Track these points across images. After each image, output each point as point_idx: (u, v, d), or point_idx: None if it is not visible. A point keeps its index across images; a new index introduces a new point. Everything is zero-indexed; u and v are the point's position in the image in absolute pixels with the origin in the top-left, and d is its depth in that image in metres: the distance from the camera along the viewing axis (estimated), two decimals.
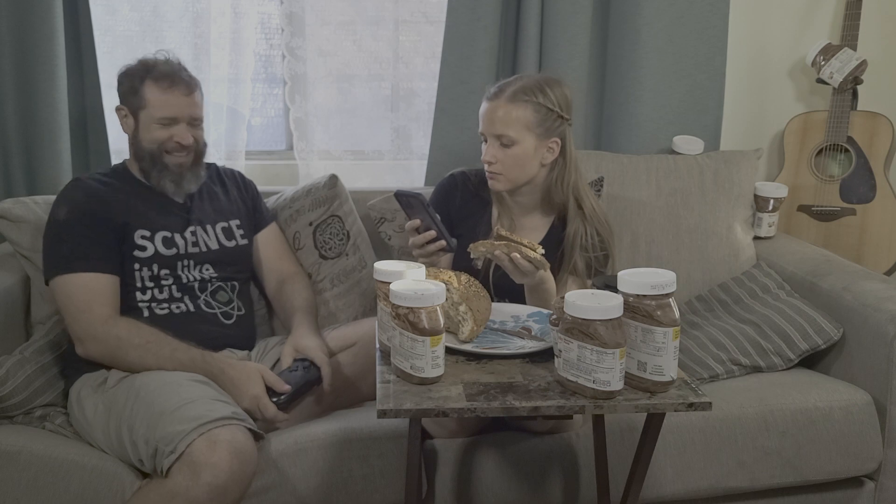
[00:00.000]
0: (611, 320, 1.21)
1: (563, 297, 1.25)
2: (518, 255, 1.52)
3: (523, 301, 1.70)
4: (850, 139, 2.54)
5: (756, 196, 2.41)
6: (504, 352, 1.42)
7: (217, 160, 2.25)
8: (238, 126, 2.37)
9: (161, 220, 1.85)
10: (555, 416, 1.60)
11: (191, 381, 1.63)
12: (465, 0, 2.29)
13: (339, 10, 2.42)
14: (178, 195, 1.89)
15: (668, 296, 1.24)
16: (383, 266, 1.40)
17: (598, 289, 1.35)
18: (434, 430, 1.71)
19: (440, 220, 1.64)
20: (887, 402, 1.85)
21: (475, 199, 1.91)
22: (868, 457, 1.86)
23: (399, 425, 1.65)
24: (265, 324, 2.09)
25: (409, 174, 2.51)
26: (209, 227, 1.92)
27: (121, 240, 1.79)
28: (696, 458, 1.78)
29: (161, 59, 1.86)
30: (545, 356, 1.40)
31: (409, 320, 1.25)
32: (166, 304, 1.82)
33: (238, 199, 2.02)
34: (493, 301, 1.58)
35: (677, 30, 2.44)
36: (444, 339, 1.29)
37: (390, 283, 1.31)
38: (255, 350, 1.93)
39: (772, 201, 2.41)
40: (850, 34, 2.54)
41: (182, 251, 1.85)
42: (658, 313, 1.23)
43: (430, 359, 1.26)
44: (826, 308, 2.04)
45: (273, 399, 1.67)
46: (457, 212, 1.90)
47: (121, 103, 1.87)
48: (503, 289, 1.74)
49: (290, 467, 1.61)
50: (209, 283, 1.88)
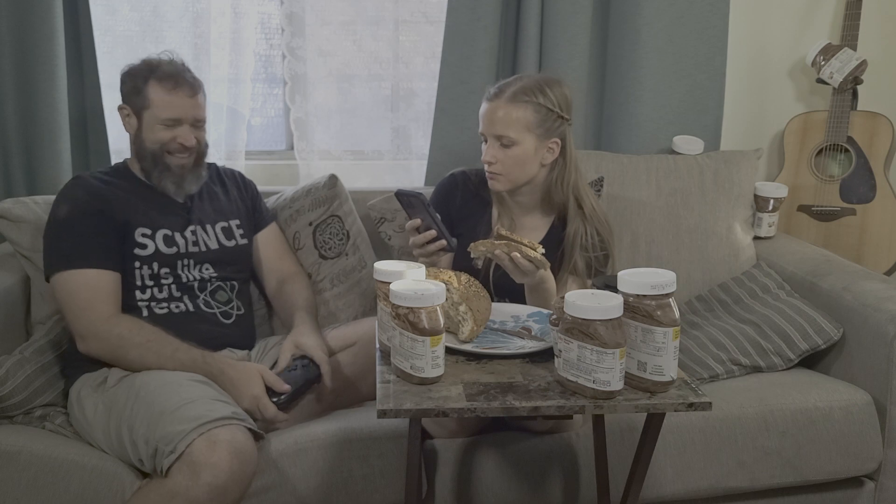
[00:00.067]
0: (611, 320, 1.21)
1: (563, 297, 1.25)
2: (518, 255, 1.52)
3: (523, 301, 1.70)
4: (850, 139, 2.54)
5: (756, 196, 2.41)
6: (504, 352, 1.41)
7: (217, 160, 2.25)
8: (238, 126, 2.37)
9: (162, 219, 1.85)
10: (555, 416, 1.60)
11: (191, 381, 1.63)
12: (465, 0, 2.29)
13: (339, 10, 2.42)
14: (178, 195, 1.89)
15: (668, 296, 1.24)
16: (383, 266, 1.40)
17: (598, 289, 1.35)
18: (434, 430, 1.71)
19: (440, 219, 1.64)
20: (887, 402, 1.85)
21: (475, 199, 1.91)
22: (868, 457, 1.86)
23: (399, 425, 1.65)
24: (265, 324, 2.09)
25: (409, 174, 2.51)
26: (209, 227, 1.92)
27: (122, 238, 1.79)
28: (696, 458, 1.78)
29: (165, 59, 1.86)
30: (545, 356, 1.40)
31: (409, 320, 1.25)
32: (166, 304, 1.82)
33: (238, 199, 2.02)
34: (493, 301, 1.58)
35: (677, 30, 2.43)
36: (444, 339, 1.29)
37: (390, 283, 1.31)
38: (254, 350, 1.93)
39: (772, 201, 2.41)
40: (850, 34, 2.54)
41: (182, 250, 1.85)
42: (658, 313, 1.23)
43: (430, 359, 1.26)
44: (826, 308, 2.04)
45: (273, 399, 1.67)
46: (457, 211, 1.90)
47: (123, 102, 1.87)
48: (503, 289, 1.74)
49: (290, 467, 1.61)
50: (209, 283, 1.89)
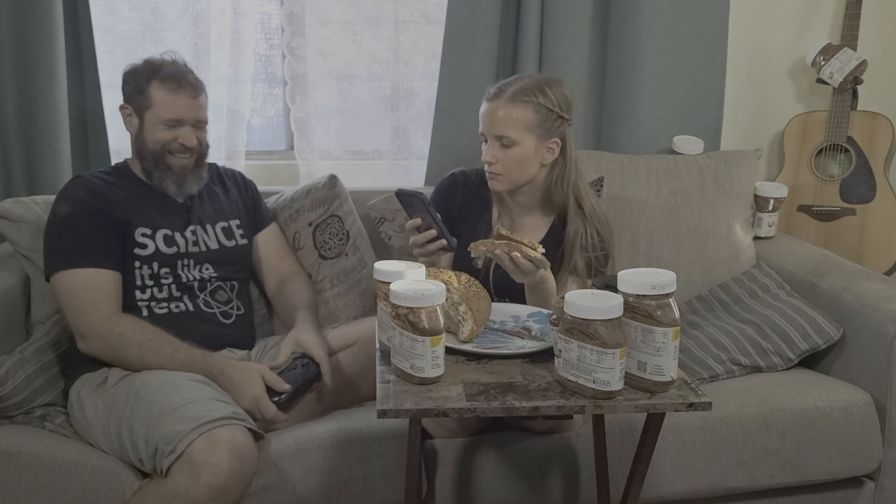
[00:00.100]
0: (611, 320, 1.20)
1: (563, 297, 1.25)
2: (518, 255, 1.52)
3: (523, 301, 1.70)
4: (850, 139, 2.54)
5: (756, 196, 2.41)
6: (504, 352, 1.41)
7: (217, 160, 2.24)
8: (238, 126, 2.37)
9: (162, 219, 1.85)
10: (555, 416, 1.60)
11: (191, 380, 1.63)
12: (465, 0, 2.29)
13: (339, 10, 2.42)
14: (179, 195, 1.89)
15: (668, 296, 1.24)
16: (383, 266, 1.40)
17: (598, 289, 1.35)
18: (434, 430, 1.71)
19: (441, 219, 1.64)
20: (887, 402, 1.85)
21: (475, 199, 1.91)
22: (868, 457, 1.86)
23: (399, 425, 1.65)
24: (265, 323, 2.09)
25: (408, 174, 2.51)
26: (209, 227, 1.92)
27: (122, 237, 1.79)
28: (696, 458, 1.78)
29: (168, 59, 1.86)
30: (545, 356, 1.40)
31: (409, 320, 1.25)
32: (165, 304, 1.82)
33: (238, 199, 2.02)
34: (493, 301, 1.58)
35: (677, 30, 2.43)
36: (444, 339, 1.29)
37: (390, 283, 1.31)
38: (254, 350, 1.93)
39: (772, 201, 2.41)
40: (850, 34, 2.54)
41: (182, 250, 1.85)
42: (658, 313, 1.23)
43: (430, 359, 1.26)
44: (826, 308, 2.04)
45: (273, 399, 1.67)
46: (457, 211, 1.90)
47: (125, 102, 1.86)
48: (503, 288, 1.74)
49: (290, 467, 1.61)
50: (208, 283, 1.89)
